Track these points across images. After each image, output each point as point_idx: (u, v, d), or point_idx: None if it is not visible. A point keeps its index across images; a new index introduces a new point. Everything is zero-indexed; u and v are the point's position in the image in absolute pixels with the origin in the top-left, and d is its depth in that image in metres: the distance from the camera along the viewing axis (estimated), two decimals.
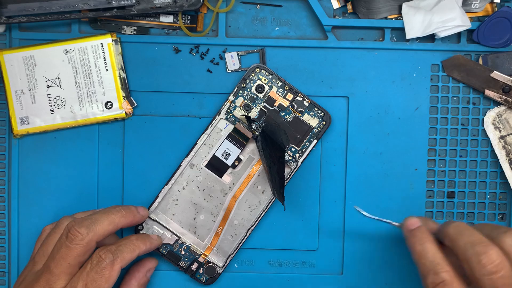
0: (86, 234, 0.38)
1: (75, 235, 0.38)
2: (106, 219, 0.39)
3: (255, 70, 0.44)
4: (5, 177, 0.45)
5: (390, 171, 0.45)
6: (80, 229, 0.38)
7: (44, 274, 0.38)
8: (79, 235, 0.38)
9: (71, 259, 0.38)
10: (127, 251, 0.39)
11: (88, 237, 0.38)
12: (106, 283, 0.38)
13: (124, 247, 0.39)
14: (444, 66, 0.44)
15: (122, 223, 0.40)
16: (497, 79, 0.44)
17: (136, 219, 0.42)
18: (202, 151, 0.44)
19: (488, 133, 0.44)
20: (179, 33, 0.45)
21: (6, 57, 0.44)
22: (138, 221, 0.42)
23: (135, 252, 0.40)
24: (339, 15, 0.45)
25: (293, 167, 0.44)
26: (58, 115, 0.44)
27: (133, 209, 0.42)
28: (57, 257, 0.38)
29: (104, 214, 0.40)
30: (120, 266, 0.38)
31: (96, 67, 0.44)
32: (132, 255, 0.40)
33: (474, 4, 0.44)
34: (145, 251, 0.41)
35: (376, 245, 0.45)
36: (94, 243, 0.39)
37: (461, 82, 0.44)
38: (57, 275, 0.38)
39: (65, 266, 0.38)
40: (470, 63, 0.44)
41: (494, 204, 0.45)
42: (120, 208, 0.41)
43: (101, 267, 0.38)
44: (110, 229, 0.39)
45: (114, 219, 0.40)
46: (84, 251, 0.38)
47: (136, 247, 0.40)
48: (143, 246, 0.41)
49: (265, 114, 0.44)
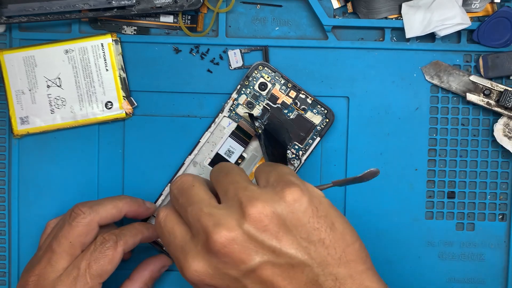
0: (89, 213, 0.38)
1: (77, 213, 0.38)
2: (110, 202, 0.40)
3: (258, 68, 0.44)
4: (5, 177, 0.45)
5: (390, 171, 0.45)
6: (83, 208, 0.39)
7: (46, 253, 0.38)
8: (81, 214, 0.38)
9: (73, 237, 0.38)
10: (130, 235, 0.40)
11: (90, 217, 0.38)
12: (109, 264, 0.38)
13: (127, 231, 0.40)
14: (424, 72, 0.44)
15: (126, 209, 0.40)
16: (477, 82, 0.44)
17: (141, 210, 0.42)
18: (205, 149, 0.44)
19: (506, 146, 0.44)
20: (179, 33, 0.45)
21: (6, 57, 0.44)
22: (143, 213, 0.42)
23: (138, 237, 0.40)
24: (339, 15, 0.45)
25: (297, 165, 0.44)
26: (58, 115, 0.44)
27: (139, 200, 0.42)
28: (59, 236, 0.38)
29: (109, 198, 0.40)
30: (123, 249, 0.39)
31: (96, 67, 0.44)
32: (135, 239, 0.40)
33: (474, 4, 0.44)
34: (148, 238, 0.41)
35: (376, 246, 0.45)
36: (96, 224, 0.39)
37: (442, 88, 0.44)
38: (59, 254, 0.38)
39: (67, 245, 0.38)
40: (449, 68, 0.44)
41: (494, 204, 0.45)
42: (126, 196, 0.41)
43: (104, 247, 0.38)
44: (113, 213, 0.40)
45: (118, 204, 0.40)
46: (86, 231, 0.38)
47: (139, 232, 0.40)
48: (146, 232, 0.41)
49: (268, 111, 0.44)
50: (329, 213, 0.33)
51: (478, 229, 0.45)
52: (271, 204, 0.32)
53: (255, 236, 0.31)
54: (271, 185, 0.33)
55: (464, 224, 0.46)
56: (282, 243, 0.31)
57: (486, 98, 0.44)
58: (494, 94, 0.44)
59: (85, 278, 0.37)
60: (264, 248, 0.31)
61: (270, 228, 0.31)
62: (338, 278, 0.31)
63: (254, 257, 0.31)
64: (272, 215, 0.31)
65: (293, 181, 0.33)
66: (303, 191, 0.32)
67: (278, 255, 0.31)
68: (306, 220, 0.32)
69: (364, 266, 0.33)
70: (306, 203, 0.32)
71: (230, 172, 0.35)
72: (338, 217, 0.33)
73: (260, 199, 0.32)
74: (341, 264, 0.32)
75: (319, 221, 0.32)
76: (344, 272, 0.32)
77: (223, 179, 0.34)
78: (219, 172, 0.35)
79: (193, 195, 0.34)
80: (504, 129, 0.44)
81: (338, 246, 0.32)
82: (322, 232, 0.32)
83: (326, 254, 0.32)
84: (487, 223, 0.45)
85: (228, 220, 0.31)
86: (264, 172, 0.35)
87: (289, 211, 0.32)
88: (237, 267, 0.31)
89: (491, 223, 0.45)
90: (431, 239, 0.45)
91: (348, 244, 0.32)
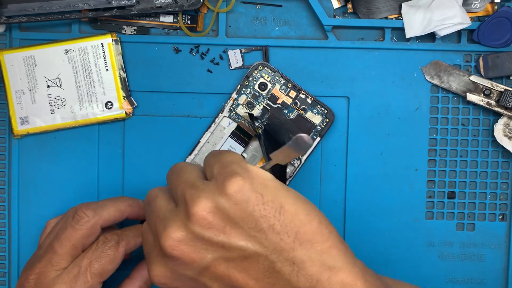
0: (92, 216, 0.38)
1: (81, 216, 0.38)
2: (112, 205, 0.40)
3: (258, 68, 0.44)
4: (5, 177, 0.45)
5: (390, 171, 0.45)
6: (86, 211, 0.38)
7: (47, 253, 0.38)
8: (85, 217, 0.38)
9: (76, 240, 0.38)
10: (132, 236, 0.40)
11: (94, 220, 0.38)
12: (110, 263, 0.38)
13: (130, 232, 0.40)
14: (424, 72, 0.44)
15: (128, 212, 0.40)
16: (477, 82, 0.44)
17: (142, 212, 0.41)
18: (205, 149, 0.44)
19: (506, 146, 0.44)
20: (179, 33, 0.45)
21: (6, 57, 0.44)
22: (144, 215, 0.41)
23: (140, 238, 0.40)
24: (339, 15, 0.45)
25: (297, 165, 0.44)
26: (58, 115, 0.44)
27: (141, 202, 0.42)
28: (61, 237, 0.38)
29: (111, 201, 0.40)
30: (124, 249, 0.39)
31: (96, 67, 0.44)
32: (137, 241, 0.40)
33: (475, 4, 0.44)
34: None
35: (376, 246, 0.45)
36: (99, 227, 0.39)
37: (442, 88, 0.44)
38: (61, 255, 0.38)
39: (69, 247, 0.38)
40: (449, 68, 0.44)
41: (494, 205, 0.45)
42: (128, 198, 0.41)
43: (106, 247, 0.38)
44: (116, 215, 0.40)
45: (120, 207, 0.40)
46: (89, 234, 0.38)
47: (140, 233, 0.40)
48: None
49: (268, 111, 0.44)
50: (276, 196, 0.31)
51: (478, 229, 0.45)
52: (213, 199, 0.31)
53: (201, 234, 0.31)
54: (214, 177, 0.32)
55: (464, 224, 0.45)
56: (231, 237, 0.30)
57: (486, 98, 0.44)
58: (494, 94, 0.44)
59: (86, 277, 0.37)
60: (213, 245, 0.31)
61: (215, 224, 0.31)
62: (295, 262, 0.30)
63: (205, 255, 0.31)
64: (216, 211, 0.31)
65: (234, 170, 0.31)
66: (245, 179, 0.31)
67: (229, 250, 0.31)
68: (251, 208, 0.31)
69: (325, 244, 0.31)
70: (248, 191, 0.31)
71: (180, 172, 0.34)
72: (289, 198, 0.31)
73: (202, 196, 0.31)
74: (296, 247, 0.30)
75: (265, 207, 0.31)
76: (301, 254, 0.30)
77: (174, 180, 0.34)
78: (171, 174, 0.35)
79: (154, 205, 0.34)
80: (504, 129, 0.44)
81: (290, 229, 0.30)
82: (270, 218, 0.30)
83: (279, 239, 0.30)
84: (487, 223, 0.45)
85: (174, 222, 0.31)
86: (209, 165, 0.34)
87: (232, 203, 0.31)
88: (191, 267, 0.31)
89: (491, 223, 0.45)
90: (431, 239, 0.45)
91: (303, 224, 0.31)
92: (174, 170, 0.35)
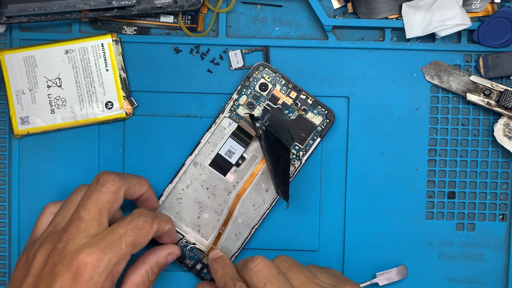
0: (118, 180, 0.38)
1: (106, 180, 0.38)
2: (134, 177, 0.40)
3: (259, 68, 0.44)
4: (5, 177, 0.45)
5: (391, 171, 0.45)
6: (111, 175, 0.38)
7: (74, 222, 0.37)
8: (110, 180, 0.38)
9: (102, 205, 0.37)
10: (163, 219, 0.40)
11: (119, 183, 0.38)
12: (144, 237, 0.37)
13: (161, 215, 0.40)
14: (424, 72, 0.44)
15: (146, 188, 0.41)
16: (477, 82, 0.44)
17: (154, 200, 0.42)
18: (206, 150, 0.44)
19: (506, 146, 0.44)
20: (179, 33, 0.45)
21: (7, 57, 0.44)
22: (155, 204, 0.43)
23: (168, 224, 0.40)
24: (339, 15, 0.45)
25: (297, 166, 0.44)
26: (58, 115, 0.44)
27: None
28: (87, 203, 0.37)
29: (133, 174, 0.41)
30: (157, 227, 0.38)
31: (96, 67, 0.44)
32: (166, 225, 0.40)
33: (475, 4, 0.44)
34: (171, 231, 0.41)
35: (376, 246, 0.45)
36: (122, 193, 0.38)
37: (442, 88, 0.44)
38: (88, 221, 0.36)
39: (96, 212, 0.37)
40: (449, 68, 0.44)
41: (494, 205, 0.45)
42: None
43: (142, 220, 0.38)
44: (136, 187, 0.40)
45: (141, 180, 0.40)
46: (113, 200, 0.38)
47: (169, 220, 0.41)
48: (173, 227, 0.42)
49: (268, 112, 0.44)
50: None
51: (479, 229, 0.45)
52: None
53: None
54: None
55: (464, 224, 0.46)
56: None
57: (486, 98, 0.44)
58: (494, 94, 0.44)
59: (120, 244, 0.36)
60: None
61: None
62: None
63: None
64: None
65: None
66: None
67: None
68: None
69: None
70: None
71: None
72: None
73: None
74: None
75: None
76: None
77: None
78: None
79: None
80: (504, 129, 0.44)
81: None
82: None
83: None
84: (487, 223, 0.45)
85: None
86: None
87: None
88: None
89: (492, 223, 0.45)
90: (431, 239, 0.45)
91: None
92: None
